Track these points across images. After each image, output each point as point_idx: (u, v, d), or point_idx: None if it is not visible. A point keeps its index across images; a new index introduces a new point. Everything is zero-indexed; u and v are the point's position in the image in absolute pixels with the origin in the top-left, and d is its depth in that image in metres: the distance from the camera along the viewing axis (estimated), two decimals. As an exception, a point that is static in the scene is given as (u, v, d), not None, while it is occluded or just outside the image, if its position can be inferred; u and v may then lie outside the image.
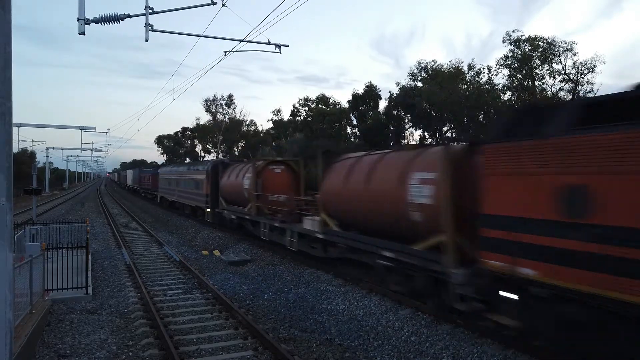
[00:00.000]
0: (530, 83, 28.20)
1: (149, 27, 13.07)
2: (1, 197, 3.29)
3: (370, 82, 42.81)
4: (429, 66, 35.28)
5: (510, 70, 28.16)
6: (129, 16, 12.92)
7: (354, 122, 45.21)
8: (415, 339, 8.68)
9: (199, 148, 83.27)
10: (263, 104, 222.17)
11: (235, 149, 71.02)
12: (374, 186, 11.21)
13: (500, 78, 29.36)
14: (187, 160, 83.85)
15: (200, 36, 15.65)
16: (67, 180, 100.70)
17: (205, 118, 76.75)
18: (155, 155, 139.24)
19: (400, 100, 35.22)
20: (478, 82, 30.46)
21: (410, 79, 35.85)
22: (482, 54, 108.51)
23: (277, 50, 15.69)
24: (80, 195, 67.98)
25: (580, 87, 26.35)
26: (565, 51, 26.26)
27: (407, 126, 37.50)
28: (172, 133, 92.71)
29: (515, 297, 7.32)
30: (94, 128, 42.84)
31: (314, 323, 10.01)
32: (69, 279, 11.56)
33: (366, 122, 39.24)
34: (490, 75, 29.67)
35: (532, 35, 27.25)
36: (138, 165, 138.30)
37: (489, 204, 7.60)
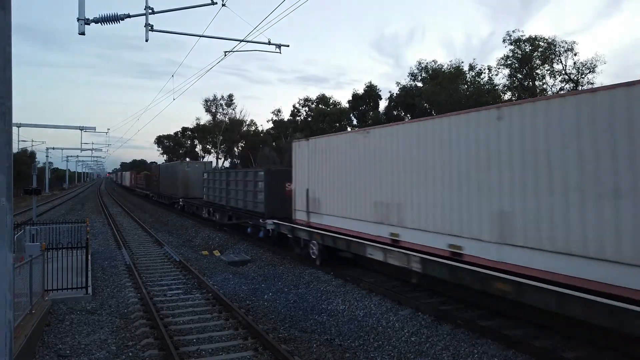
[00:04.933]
0: (530, 83, 28.19)
1: (149, 27, 13.06)
2: (1, 197, 3.27)
3: (370, 82, 42.85)
4: (429, 66, 35.29)
5: (510, 71, 28.15)
6: (129, 16, 12.91)
7: (354, 122, 45.21)
8: (416, 340, 8.68)
9: (199, 148, 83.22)
10: (263, 104, 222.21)
11: (235, 149, 71.00)
12: None
13: (501, 78, 29.34)
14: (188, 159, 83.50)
15: (200, 36, 15.65)
16: (67, 180, 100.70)
17: (205, 118, 76.70)
18: (155, 155, 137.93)
19: (400, 100, 35.22)
20: (479, 82, 30.43)
21: (411, 79, 35.86)
22: (482, 54, 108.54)
23: (277, 50, 15.69)
24: (80, 195, 67.98)
25: (580, 87, 26.32)
26: (565, 51, 26.27)
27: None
28: (172, 133, 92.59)
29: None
30: (94, 128, 43.03)
31: (314, 323, 10.00)
32: (69, 279, 11.55)
33: (366, 122, 39.22)
34: (490, 75, 29.67)
35: (533, 35, 27.26)
36: (137, 165, 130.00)
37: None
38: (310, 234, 14.51)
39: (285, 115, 59.01)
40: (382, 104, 40.19)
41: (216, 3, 12.78)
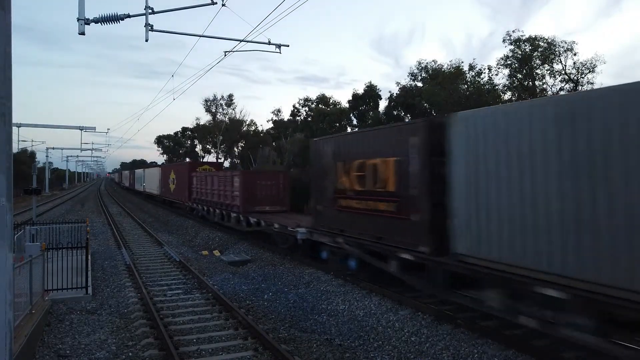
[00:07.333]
0: (530, 83, 28.15)
1: (149, 27, 13.05)
2: (1, 197, 3.27)
3: (370, 82, 42.76)
4: (429, 66, 35.23)
5: (510, 70, 28.10)
6: (129, 16, 12.90)
7: (354, 122, 45.20)
8: (416, 339, 8.68)
9: (199, 148, 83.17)
10: (263, 104, 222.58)
11: (235, 149, 70.92)
12: None
13: (501, 78, 29.27)
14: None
15: (200, 36, 15.65)
16: (66, 180, 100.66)
17: (205, 118, 76.55)
18: (155, 155, 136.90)
19: (400, 100, 35.19)
20: (478, 82, 30.39)
21: (411, 79, 35.78)
22: (482, 54, 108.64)
23: (277, 50, 15.67)
24: (81, 195, 68.00)
25: (580, 87, 26.29)
26: (565, 51, 26.21)
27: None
28: (172, 133, 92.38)
29: None
30: (94, 128, 42.99)
31: (314, 323, 10.00)
32: (69, 279, 11.55)
33: (366, 122, 39.21)
34: (490, 75, 29.62)
35: (533, 35, 27.23)
36: (138, 165, 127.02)
37: None
38: None
39: (285, 115, 58.91)
40: (382, 104, 40.19)
41: (216, 3, 12.77)
